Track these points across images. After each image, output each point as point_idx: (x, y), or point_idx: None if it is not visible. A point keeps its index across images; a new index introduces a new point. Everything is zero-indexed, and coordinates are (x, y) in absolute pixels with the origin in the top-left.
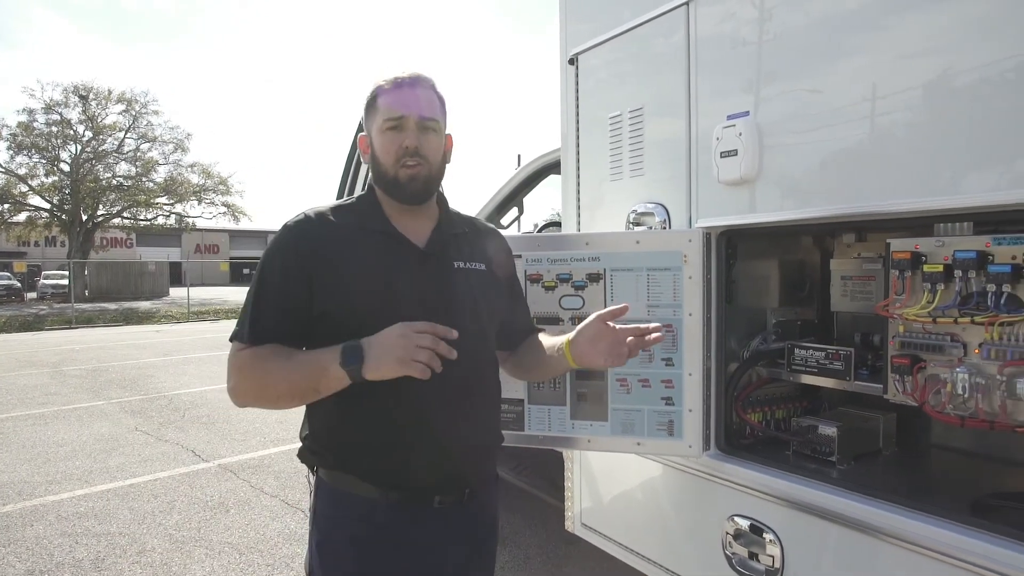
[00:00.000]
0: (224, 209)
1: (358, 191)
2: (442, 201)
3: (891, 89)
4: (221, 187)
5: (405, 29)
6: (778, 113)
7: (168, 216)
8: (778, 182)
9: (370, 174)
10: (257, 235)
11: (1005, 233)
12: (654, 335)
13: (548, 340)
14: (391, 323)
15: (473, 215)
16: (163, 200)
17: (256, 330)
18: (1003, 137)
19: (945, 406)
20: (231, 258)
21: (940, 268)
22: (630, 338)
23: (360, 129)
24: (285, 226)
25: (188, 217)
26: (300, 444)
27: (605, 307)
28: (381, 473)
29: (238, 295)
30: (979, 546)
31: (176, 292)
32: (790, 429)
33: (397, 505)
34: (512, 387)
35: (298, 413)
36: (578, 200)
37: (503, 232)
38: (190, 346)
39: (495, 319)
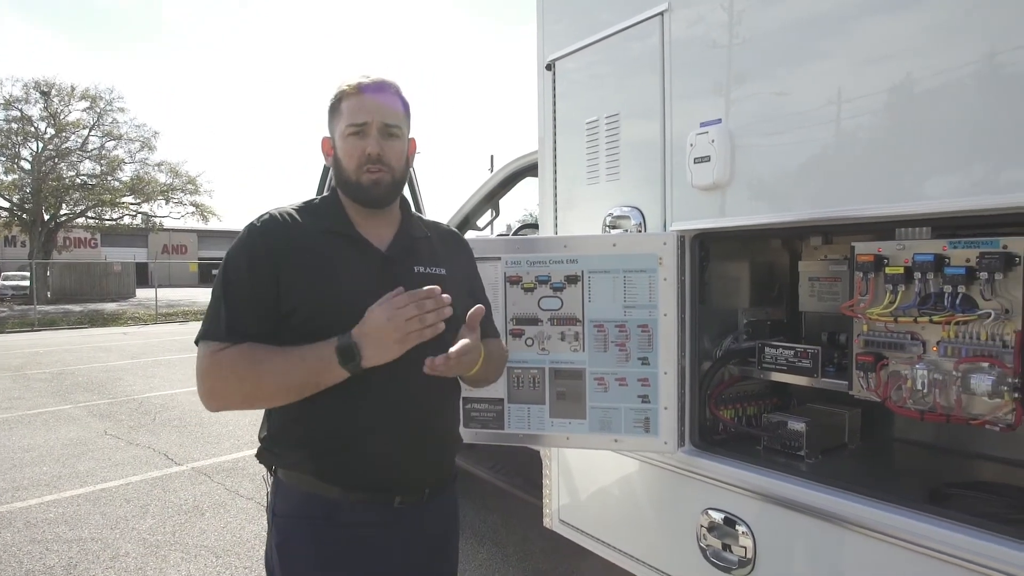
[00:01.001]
0: (192, 209)
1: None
2: (404, 205)
3: (859, 94)
4: (189, 186)
5: (393, 28)
6: (749, 121)
7: (134, 216)
8: (750, 187)
9: (332, 176)
10: (227, 235)
11: (961, 237)
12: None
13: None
14: (349, 328)
15: (436, 220)
16: (129, 199)
17: (235, 328)
18: (967, 142)
19: (906, 401)
20: (200, 258)
21: (901, 270)
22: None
23: None
24: (251, 225)
25: (155, 217)
26: (259, 444)
27: (583, 308)
28: (341, 473)
29: (207, 296)
30: (935, 531)
31: (143, 293)
32: (761, 425)
33: (357, 505)
34: (492, 386)
35: None
36: (555, 203)
37: (478, 234)
38: (159, 348)
39: (454, 324)
